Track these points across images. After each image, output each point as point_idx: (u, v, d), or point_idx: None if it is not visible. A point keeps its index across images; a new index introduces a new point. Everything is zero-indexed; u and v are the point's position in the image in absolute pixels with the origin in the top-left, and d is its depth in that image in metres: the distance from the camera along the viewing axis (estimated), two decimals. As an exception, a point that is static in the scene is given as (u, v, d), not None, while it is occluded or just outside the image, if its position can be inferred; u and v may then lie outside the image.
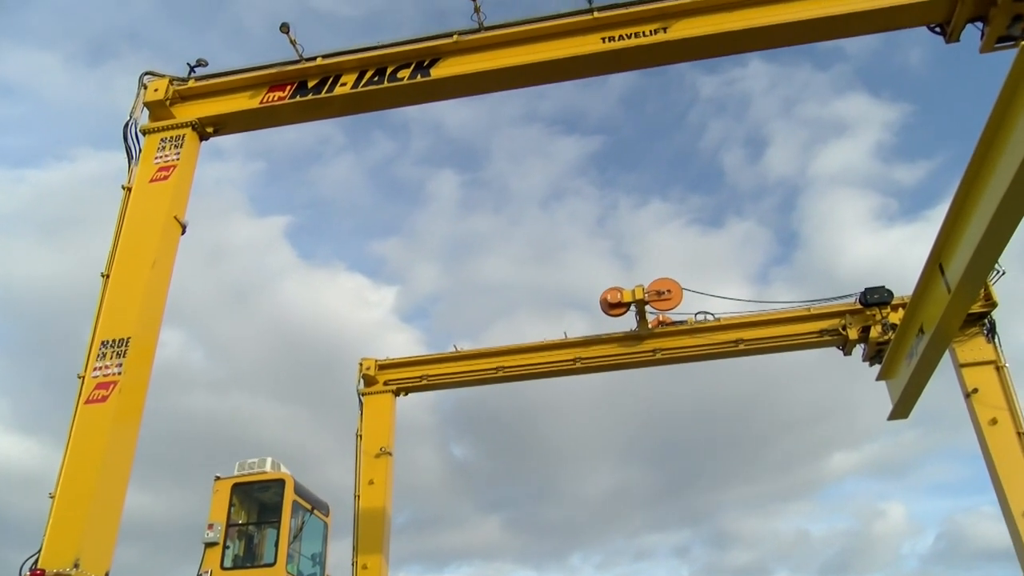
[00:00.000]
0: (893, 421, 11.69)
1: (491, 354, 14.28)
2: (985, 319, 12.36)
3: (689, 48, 8.72)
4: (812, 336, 13.28)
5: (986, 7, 7.70)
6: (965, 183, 7.53)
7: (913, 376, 10.35)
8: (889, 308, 12.76)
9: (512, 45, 8.98)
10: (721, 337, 13.40)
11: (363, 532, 13.00)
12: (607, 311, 13.27)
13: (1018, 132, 6.45)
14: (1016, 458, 11.50)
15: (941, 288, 8.78)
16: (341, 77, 9.26)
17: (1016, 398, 11.87)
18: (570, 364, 13.85)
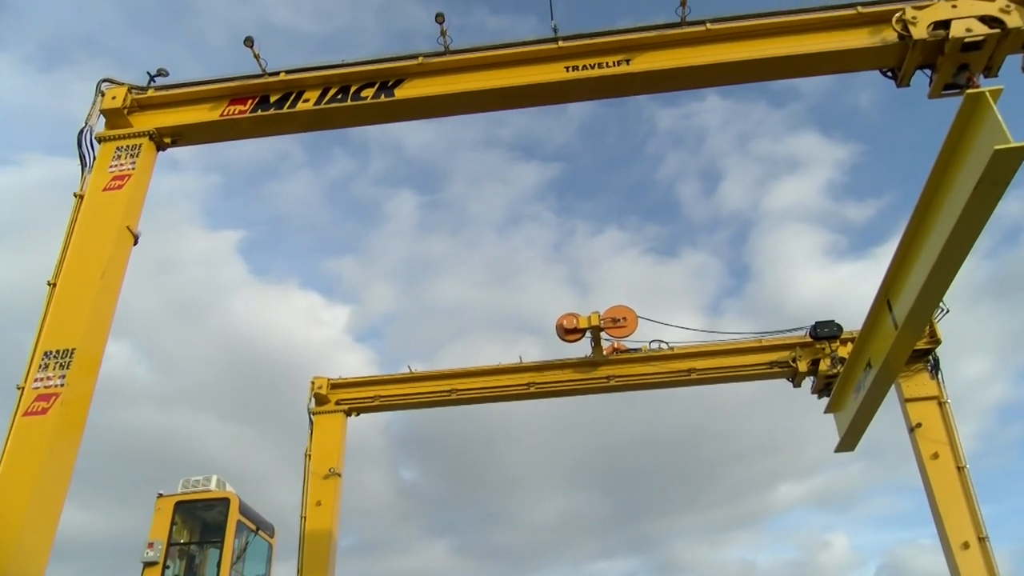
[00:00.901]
0: (840, 453, 11.91)
1: (445, 376, 14.22)
2: (929, 356, 12.68)
3: (650, 81, 8.87)
4: (763, 367, 13.48)
5: (934, 56, 7.97)
6: (913, 224, 7.76)
7: (860, 409, 10.56)
8: (838, 342, 13.02)
9: (477, 70, 9.04)
10: (674, 366, 13.53)
11: (308, 554, 12.76)
12: (563, 337, 13.32)
13: (962, 177, 6.68)
14: (955, 492, 11.77)
15: (888, 324, 9.00)
16: (304, 93, 9.22)
17: (957, 433, 12.17)
18: (524, 388, 13.84)
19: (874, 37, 8.28)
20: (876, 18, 8.30)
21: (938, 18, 7.91)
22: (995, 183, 6.35)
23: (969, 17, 7.84)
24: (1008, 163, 6.11)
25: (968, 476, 11.83)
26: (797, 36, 8.51)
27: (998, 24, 7.77)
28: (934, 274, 7.60)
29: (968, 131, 6.56)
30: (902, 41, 8.01)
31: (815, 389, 13.30)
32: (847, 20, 8.42)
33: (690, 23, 8.64)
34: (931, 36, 7.85)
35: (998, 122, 6.07)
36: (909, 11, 8.03)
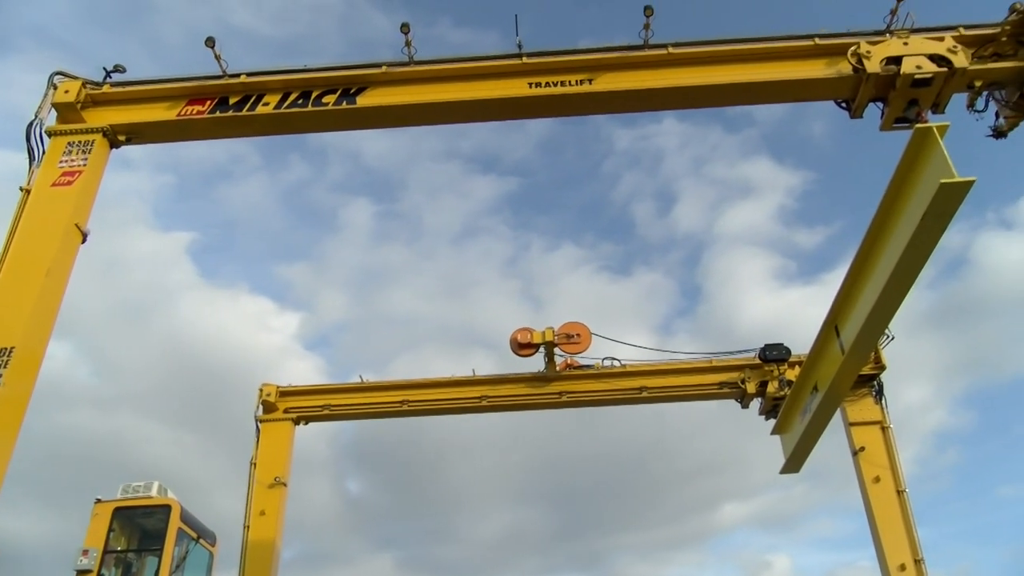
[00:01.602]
0: (785, 475, 12.11)
1: (397, 387, 14.11)
2: (874, 381, 12.98)
3: (611, 101, 8.96)
4: (712, 388, 13.65)
5: (887, 90, 8.20)
6: (861, 252, 7.95)
7: (806, 432, 10.76)
8: (786, 365, 13.25)
9: (440, 81, 9.04)
10: (626, 383, 13.63)
11: (250, 565, 12.52)
12: (516, 351, 13.34)
13: (910, 209, 6.87)
14: (895, 515, 12.05)
15: (836, 349, 9.19)
16: (264, 97, 9.12)
17: (898, 458, 12.47)
18: (476, 402, 13.81)
19: (830, 69, 8.49)
20: (832, 50, 8.51)
21: (891, 54, 8.15)
22: (940, 215, 6.55)
23: (919, 55, 8.09)
24: (953, 197, 6.30)
25: (907, 500, 12.12)
26: (756, 64, 8.69)
27: (946, 63, 8.04)
28: (881, 302, 7.79)
29: (916, 164, 6.76)
30: (856, 74, 8.22)
31: (763, 411, 13.49)
32: (805, 51, 8.63)
33: (652, 46, 8.76)
34: (884, 71, 8.08)
35: (944, 157, 6.26)
36: (864, 45, 8.25)
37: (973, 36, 8.44)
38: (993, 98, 8.60)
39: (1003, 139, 8.67)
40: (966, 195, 6.28)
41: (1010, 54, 8.37)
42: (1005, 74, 8.30)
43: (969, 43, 8.37)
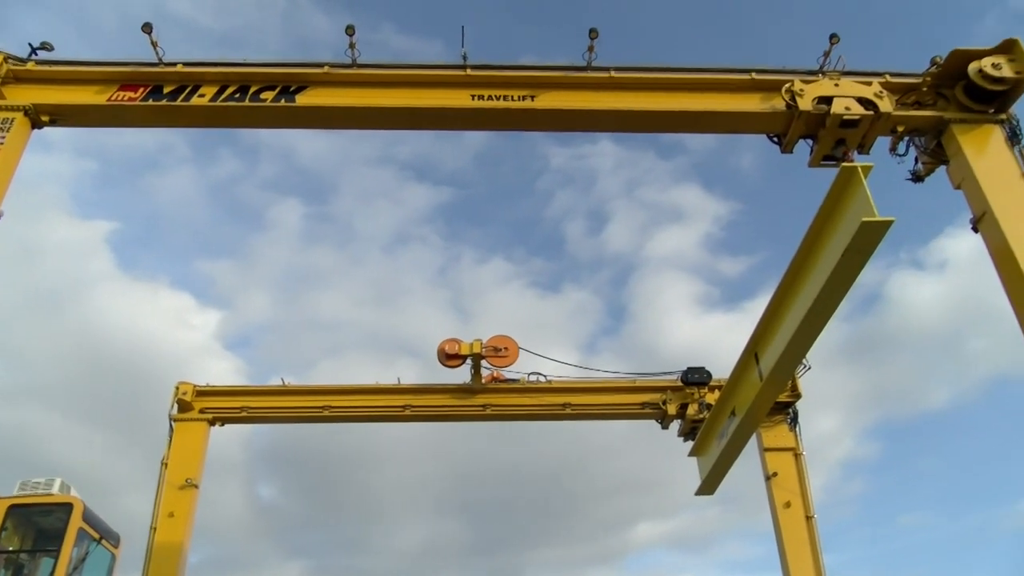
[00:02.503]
0: (700, 496, 12.36)
1: (319, 392, 13.86)
2: (790, 409, 13.37)
3: (552, 119, 9.05)
4: (634, 408, 13.84)
5: (816, 128, 8.50)
6: (784, 284, 8.21)
7: (722, 455, 11.01)
8: (707, 388, 13.52)
9: (383, 87, 8.97)
10: (550, 399, 13.70)
11: (155, 568, 12.06)
12: (443, 362, 13.27)
13: (832, 244, 7.13)
14: (803, 540, 12.41)
15: (755, 376, 9.44)
16: (201, 88, 8.88)
17: (809, 484, 12.85)
18: (400, 411, 13.67)
19: (764, 104, 8.76)
20: (768, 86, 8.79)
21: (822, 94, 8.46)
22: (860, 252, 6.82)
23: (849, 97, 8.43)
24: (873, 234, 6.58)
25: (815, 526, 12.49)
26: (695, 94, 8.90)
27: (872, 107, 8.40)
28: (800, 332, 8.05)
29: (840, 202, 7.03)
30: (789, 110, 8.50)
31: (681, 432, 13.73)
32: (742, 84, 8.89)
33: (595, 68, 8.89)
34: (815, 109, 8.38)
35: (867, 196, 6.52)
36: (798, 83, 8.55)
37: (898, 83, 8.85)
38: (913, 144, 9.01)
39: (920, 183, 9.09)
40: (885, 234, 6.56)
41: (930, 103, 8.80)
42: (924, 122, 8.71)
43: (894, 90, 8.77)
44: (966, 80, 8.57)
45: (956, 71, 8.65)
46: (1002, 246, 7.69)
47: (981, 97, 8.56)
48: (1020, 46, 8.48)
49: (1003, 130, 8.50)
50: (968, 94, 8.61)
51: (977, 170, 8.16)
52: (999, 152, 8.36)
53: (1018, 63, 8.48)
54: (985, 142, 8.43)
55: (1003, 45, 8.59)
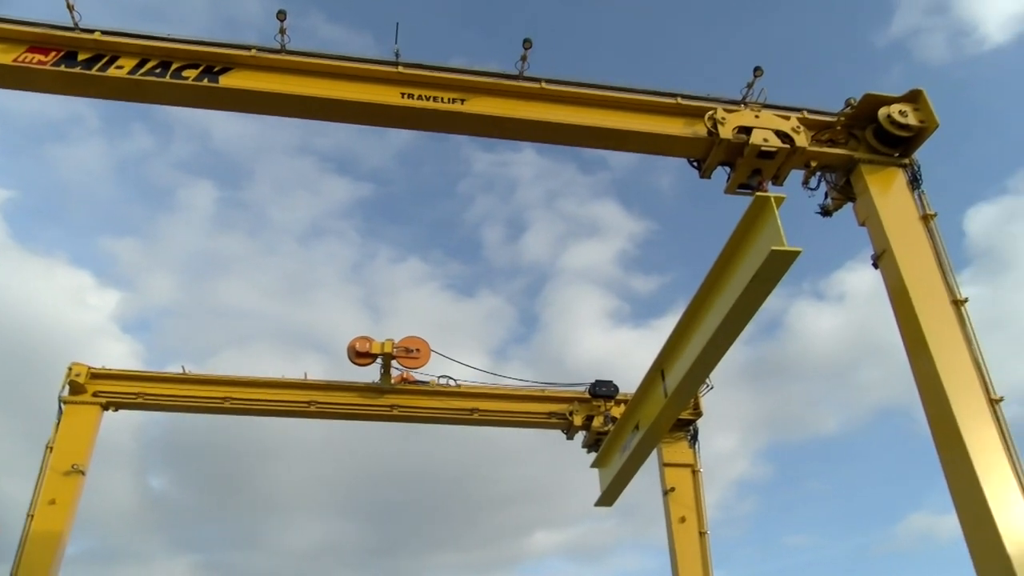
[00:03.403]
0: (599, 507, 12.54)
1: (221, 382, 13.45)
2: (691, 426, 13.72)
3: (480, 124, 9.06)
4: (541, 417, 13.94)
5: (735, 156, 8.78)
6: (693, 305, 8.41)
7: (623, 467, 11.19)
8: (613, 402, 13.74)
9: (311, 75, 8.80)
10: (459, 403, 13.67)
11: (28, 557, 11.44)
12: (353, 359, 13.09)
13: (741, 270, 7.34)
14: (695, 555, 12.74)
15: (660, 392, 9.64)
16: (119, 59, 8.51)
17: (704, 501, 13.20)
18: (305, 407, 13.40)
19: (687, 128, 9.00)
20: (692, 111, 9.04)
21: (743, 124, 8.75)
22: (767, 279, 7.05)
23: (767, 129, 8.74)
24: (781, 263, 6.81)
25: (708, 541, 12.84)
26: (622, 113, 9.07)
27: (789, 141, 8.73)
28: (705, 352, 8.27)
29: (752, 229, 7.24)
30: (710, 137, 8.75)
31: (586, 443, 13.91)
32: (667, 108, 9.10)
33: (527, 78, 8.95)
34: (735, 138, 8.65)
35: (778, 226, 6.75)
36: (720, 112, 8.81)
37: (814, 120, 9.23)
38: (824, 179, 9.42)
39: (828, 218, 9.50)
40: (792, 263, 6.79)
41: (842, 142, 9.22)
42: (836, 159, 9.11)
43: (810, 126, 9.14)
44: (876, 124, 9.01)
45: (868, 114, 9.09)
46: (898, 283, 8.10)
47: (888, 141, 9.02)
48: (925, 97, 8.99)
49: (906, 174, 8.97)
50: (877, 137, 9.05)
51: (881, 209, 8.58)
52: (901, 194, 8.81)
53: (922, 112, 8.97)
54: (889, 184, 8.87)
55: (910, 94, 9.08)
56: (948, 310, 7.95)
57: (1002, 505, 6.74)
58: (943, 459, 7.34)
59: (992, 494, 6.77)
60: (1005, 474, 6.97)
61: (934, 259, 8.28)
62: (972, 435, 7.10)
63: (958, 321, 7.90)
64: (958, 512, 7.09)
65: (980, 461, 6.95)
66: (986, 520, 6.70)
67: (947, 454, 7.28)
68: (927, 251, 8.33)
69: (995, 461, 7.02)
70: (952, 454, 7.19)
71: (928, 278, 8.12)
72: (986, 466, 6.94)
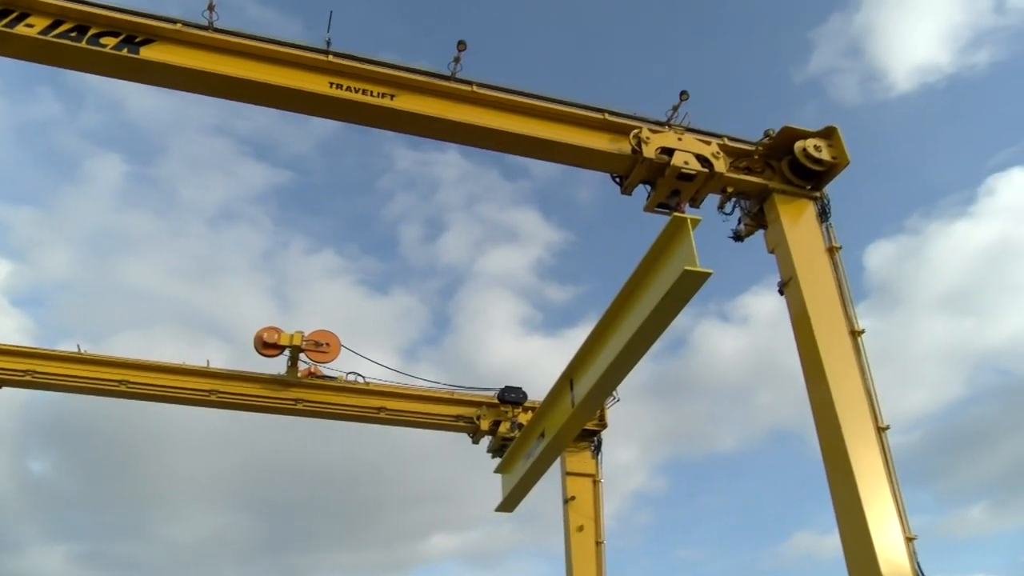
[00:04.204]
0: (499, 513, 12.59)
1: (119, 364, 12.88)
2: (595, 437, 13.90)
3: (408, 122, 8.97)
4: (449, 419, 13.89)
5: (656, 176, 8.98)
6: (605, 318, 8.56)
7: (526, 474, 11.28)
8: (521, 408, 13.82)
9: (238, 55, 8.55)
10: (366, 401, 13.49)
11: None
12: (260, 350, 12.75)
13: (654, 287, 7.51)
14: (591, 564, 12.89)
15: (567, 401, 9.76)
16: (30, 17, 8.06)
17: (603, 511, 13.39)
18: (206, 395, 12.96)
19: (612, 144, 9.15)
20: (618, 128, 9.19)
21: (665, 145, 8.96)
22: (678, 298, 7.24)
23: (689, 152, 8.98)
24: (692, 283, 7.00)
25: (603, 551, 13.02)
26: (550, 123, 9.15)
27: (708, 165, 8.99)
28: (614, 365, 8.42)
29: (666, 248, 7.43)
30: (634, 155, 8.93)
31: (491, 448, 13.94)
32: (595, 122, 9.23)
33: (459, 80, 8.93)
34: (657, 158, 8.85)
35: (692, 247, 6.93)
36: (645, 131, 9.00)
37: (734, 148, 9.53)
38: (739, 205, 9.72)
39: (740, 243, 9.81)
40: (703, 284, 6.99)
41: (758, 171, 9.54)
42: (751, 187, 9.42)
43: (730, 153, 9.43)
44: (791, 156, 9.36)
45: (784, 146, 9.43)
46: (801, 311, 8.42)
47: (802, 174, 9.37)
48: (839, 135, 9.39)
49: (816, 206, 9.34)
50: (791, 169, 9.40)
51: (790, 239, 8.90)
52: (810, 225, 9.16)
53: (835, 149, 9.37)
54: (800, 215, 9.22)
55: (825, 131, 9.47)
56: (846, 339, 8.32)
57: (881, 527, 7.09)
58: (831, 480, 7.65)
59: (872, 516, 7.11)
60: (886, 498, 7.33)
61: (836, 290, 8.65)
62: (859, 460, 7.44)
63: (854, 351, 8.28)
64: (841, 531, 7.41)
65: (864, 485, 7.29)
66: (865, 540, 7.02)
67: (835, 476, 7.60)
68: (830, 282, 8.70)
69: (878, 485, 7.37)
70: (840, 476, 7.51)
71: (829, 308, 8.48)
72: (869, 490, 7.28)
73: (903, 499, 7.43)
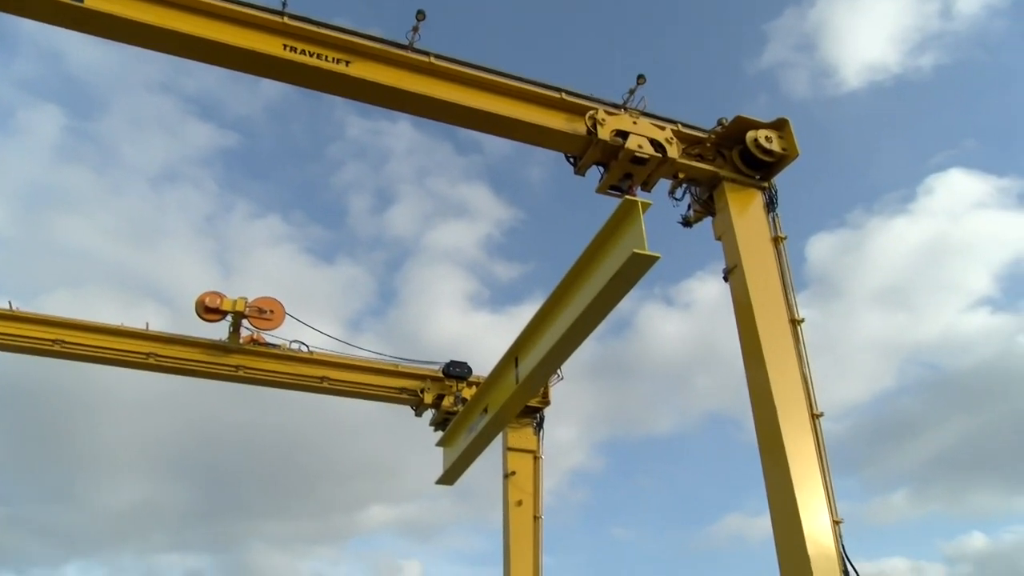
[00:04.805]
0: (439, 486, 12.67)
1: (54, 323, 12.51)
2: (538, 414, 14.04)
3: (363, 90, 8.81)
4: (392, 391, 13.87)
5: (610, 158, 9.02)
6: (553, 297, 8.61)
7: (468, 448, 11.36)
8: (465, 383, 13.88)
9: (187, 11, 8.25)
10: (309, 370, 13.38)
11: None
12: (201, 314, 12.52)
13: (602, 268, 7.57)
14: (528, 539, 13.07)
15: (512, 378, 9.82)
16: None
17: (542, 487, 13.57)
18: (143, 358, 12.68)
19: (567, 124, 9.15)
20: (574, 108, 9.20)
21: (620, 127, 9.00)
22: (626, 280, 7.32)
23: (643, 136, 9.04)
24: (640, 266, 7.07)
25: (541, 527, 13.21)
26: (506, 99, 9.09)
27: (661, 150, 9.06)
28: (560, 343, 8.50)
29: (616, 231, 7.48)
30: (588, 136, 8.95)
31: (433, 422, 13.99)
32: (551, 101, 9.21)
33: (416, 50, 8.81)
34: (611, 140, 8.90)
35: (641, 230, 7.00)
36: (601, 113, 9.03)
37: (687, 134, 9.62)
38: (690, 192, 9.84)
39: (688, 228, 9.94)
40: (651, 267, 7.08)
41: (710, 159, 9.65)
42: (702, 174, 9.54)
43: (683, 139, 9.52)
44: (743, 146, 9.50)
45: (736, 135, 9.56)
46: (744, 298, 8.60)
47: (752, 163, 9.53)
48: (790, 127, 9.56)
49: (764, 196, 9.51)
50: (742, 158, 9.55)
51: (737, 227, 9.06)
52: (757, 215, 9.34)
53: (786, 141, 9.54)
54: (748, 204, 9.38)
55: (777, 122, 9.63)
56: (786, 328, 8.53)
57: (810, 510, 7.33)
58: (765, 463, 7.87)
59: (803, 499, 7.35)
60: (816, 482, 7.58)
61: (779, 279, 8.85)
62: (793, 445, 7.66)
63: (793, 339, 8.50)
64: (772, 513, 7.64)
65: (797, 468, 7.52)
66: (794, 522, 7.26)
67: (769, 459, 7.82)
68: (774, 271, 8.89)
69: (809, 469, 7.62)
70: (773, 459, 7.73)
71: (772, 296, 8.67)
72: (801, 473, 7.52)
73: (832, 484, 7.70)
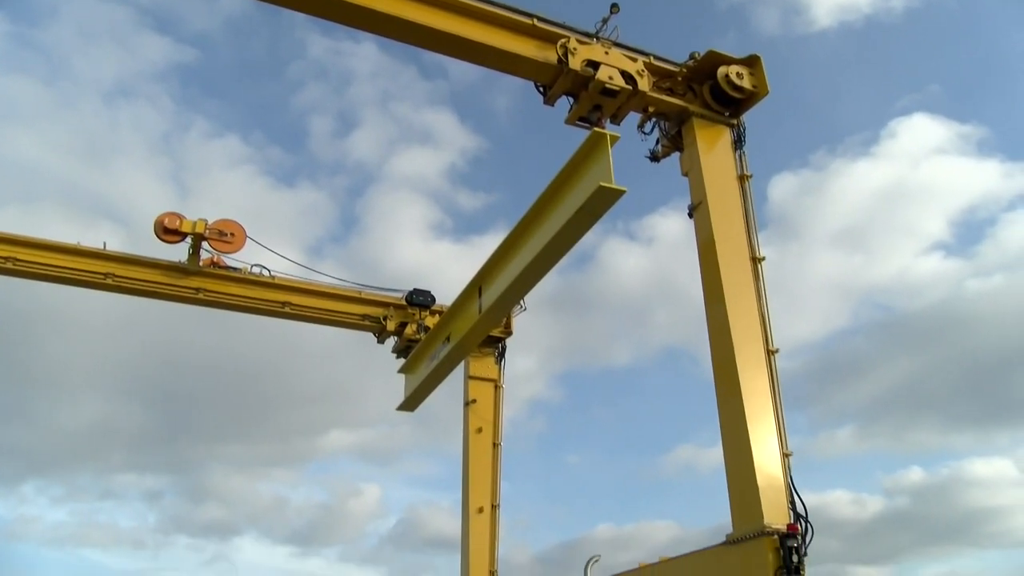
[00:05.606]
0: (397, 413, 12.83)
1: (8, 241, 12.16)
2: (500, 344, 14.19)
3: (328, 6, 8.53)
4: (355, 318, 13.88)
5: (580, 88, 8.92)
6: (518, 228, 8.60)
7: (430, 375, 11.47)
8: (428, 312, 13.93)
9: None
10: (270, 295, 13.29)
11: None
12: (160, 235, 12.28)
13: (568, 200, 7.57)
14: (486, 464, 13.37)
15: (474, 307, 9.88)
16: None
17: (501, 415, 13.81)
18: (100, 278, 12.45)
19: (539, 52, 8.99)
20: (546, 36, 9.03)
21: (592, 57, 8.88)
22: (591, 213, 7.33)
23: (614, 67, 8.93)
24: (606, 199, 7.08)
25: (499, 453, 13.50)
26: (477, 23, 8.89)
27: (632, 82, 8.97)
28: (524, 274, 8.54)
29: (584, 163, 7.46)
30: (559, 65, 8.82)
31: (396, 349, 14.06)
32: (523, 27, 9.03)
33: (386, -32, 8.53)
34: (582, 70, 8.78)
35: (608, 163, 6.98)
36: (572, 42, 8.88)
37: (659, 68, 9.52)
38: (658, 126, 9.80)
39: (656, 163, 9.94)
40: (617, 200, 7.08)
41: (680, 94, 9.59)
42: (672, 108, 9.49)
43: (654, 72, 9.43)
44: (713, 81, 9.43)
45: (707, 71, 9.49)
46: (708, 235, 8.66)
47: (722, 100, 9.49)
48: (761, 64, 9.51)
49: (732, 134, 9.51)
50: (712, 94, 9.50)
51: (704, 163, 9.07)
52: (724, 152, 9.34)
53: (756, 78, 9.50)
54: (716, 140, 9.37)
55: (749, 59, 9.57)
56: (747, 265, 8.64)
57: (761, 442, 7.56)
58: (720, 396, 8.07)
59: (755, 433, 7.57)
60: (768, 417, 7.81)
61: (743, 217, 8.92)
62: (748, 380, 7.86)
63: (753, 276, 8.62)
64: (724, 444, 7.87)
65: (751, 403, 7.72)
66: (746, 453, 7.50)
67: (724, 393, 8.02)
68: (738, 208, 8.95)
69: (763, 403, 7.83)
70: (728, 394, 7.93)
71: (735, 233, 8.75)
72: (755, 408, 7.73)
73: (784, 418, 7.93)
